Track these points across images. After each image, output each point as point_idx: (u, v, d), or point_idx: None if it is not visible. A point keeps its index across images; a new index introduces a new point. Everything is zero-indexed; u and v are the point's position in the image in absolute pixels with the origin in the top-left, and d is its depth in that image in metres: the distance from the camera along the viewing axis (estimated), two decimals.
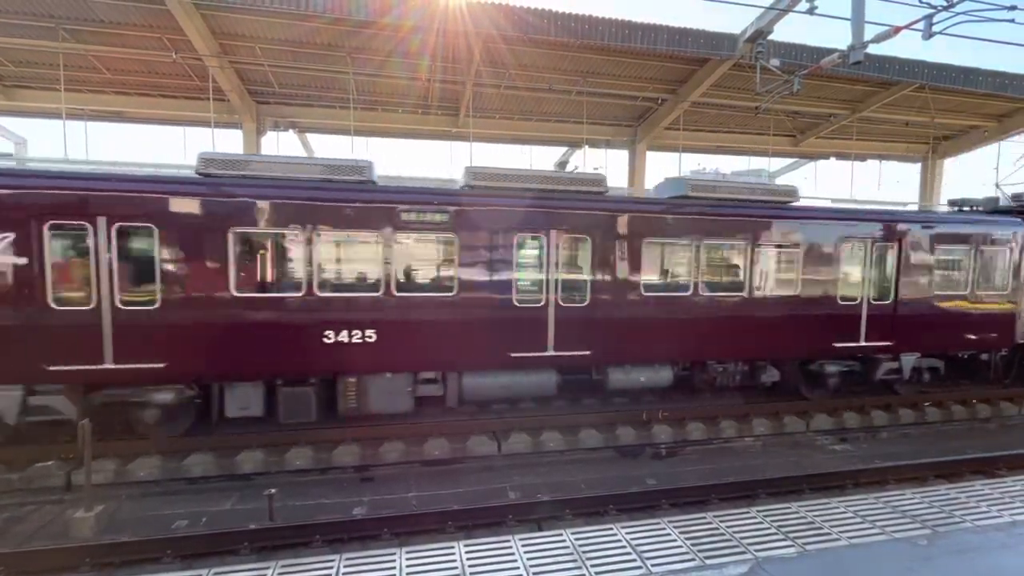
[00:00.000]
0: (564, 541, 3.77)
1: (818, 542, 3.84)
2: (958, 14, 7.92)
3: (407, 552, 3.64)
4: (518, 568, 3.45)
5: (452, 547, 3.70)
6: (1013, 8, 7.55)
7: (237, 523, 5.64)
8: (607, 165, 19.90)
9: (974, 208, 12.30)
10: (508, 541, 3.79)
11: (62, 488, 6.59)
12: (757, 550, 3.71)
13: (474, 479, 7.19)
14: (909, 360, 10.52)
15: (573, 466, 7.68)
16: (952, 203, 12.97)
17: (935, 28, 8.19)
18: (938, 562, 3.59)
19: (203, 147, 17.92)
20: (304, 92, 16.01)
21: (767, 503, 5.90)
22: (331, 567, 3.48)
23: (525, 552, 3.64)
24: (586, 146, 18.95)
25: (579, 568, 3.45)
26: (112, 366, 6.74)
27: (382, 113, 16.98)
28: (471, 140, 17.48)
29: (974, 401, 10.76)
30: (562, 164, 23.44)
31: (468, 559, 3.55)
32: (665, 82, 16.16)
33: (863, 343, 9.87)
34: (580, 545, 3.72)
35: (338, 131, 17.84)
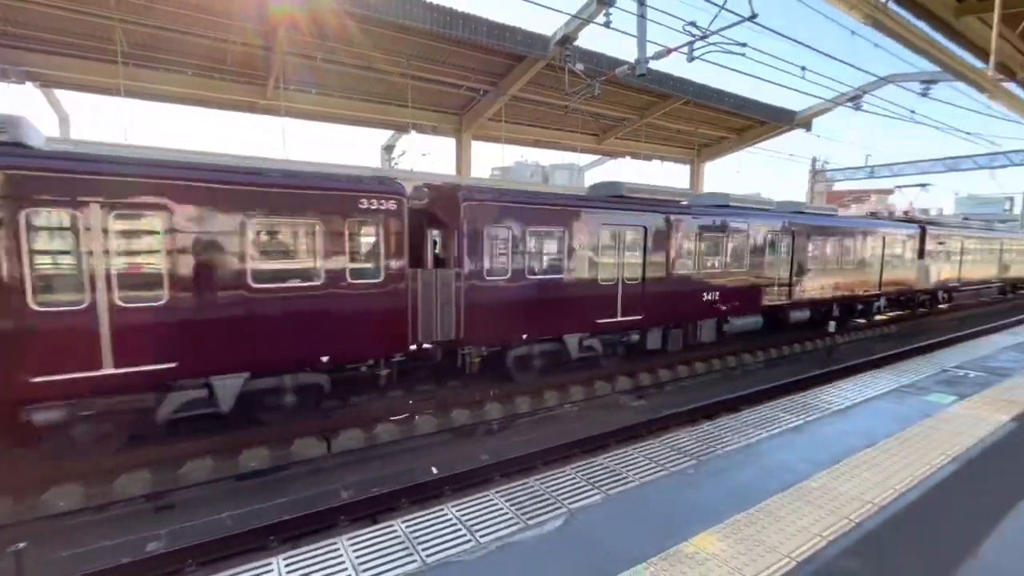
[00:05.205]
0: (395, 532, 3.75)
1: (618, 486, 4.50)
2: (710, 44, 9.80)
3: None
4: (347, 571, 3.32)
5: (269, 564, 3.39)
6: (744, 45, 9.66)
7: None
8: (434, 152, 19.94)
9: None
10: (335, 544, 3.62)
11: None
12: (570, 503, 4.19)
13: (300, 485, 6.68)
14: (230, 387, 6.93)
15: (411, 454, 7.65)
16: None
17: (696, 53, 10.01)
18: (701, 484, 4.51)
19: None
20: (51, 37, 12.54)
21: (580, 459, 6.68)
22: None
23: (354, 552, 3.52)
24: (412, 131, 18.67)
25: (411, 555, 3.46)
26: None
27: (164, 73, 14.26)
28: (282, 115, 15.81)
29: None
30: (389, 148, 22.73)
31: (288, 574, 3.29)
32: (487, 74, 16.75)
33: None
34: (411, 532, 3.74)
35: (103, 90, 14.45)
